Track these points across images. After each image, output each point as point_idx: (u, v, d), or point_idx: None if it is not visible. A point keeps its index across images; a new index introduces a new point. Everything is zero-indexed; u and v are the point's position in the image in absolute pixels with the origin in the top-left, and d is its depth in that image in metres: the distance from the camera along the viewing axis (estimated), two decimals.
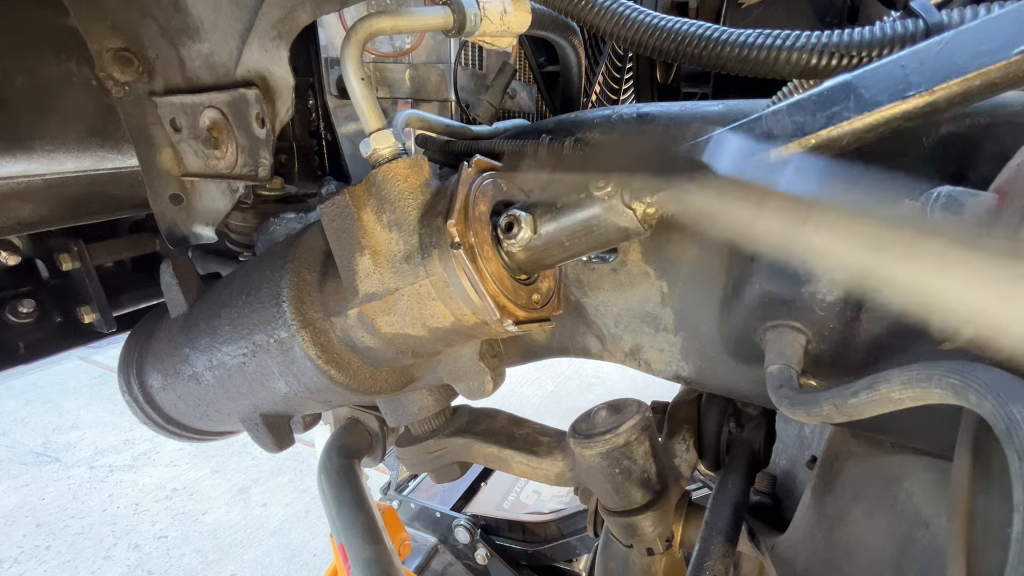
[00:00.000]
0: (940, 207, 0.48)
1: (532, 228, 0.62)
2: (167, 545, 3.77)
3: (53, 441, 4.89)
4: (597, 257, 0.84)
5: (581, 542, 2.22)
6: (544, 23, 1.05)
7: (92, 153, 0.97)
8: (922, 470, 0.70)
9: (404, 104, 1.07)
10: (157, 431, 1.10)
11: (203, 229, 0.98)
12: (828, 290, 0.67)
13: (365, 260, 0.68)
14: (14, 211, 0.96)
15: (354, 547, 1.06)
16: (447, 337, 0.70)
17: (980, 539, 0.44)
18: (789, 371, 0.62)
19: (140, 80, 0.89)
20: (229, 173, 0.89)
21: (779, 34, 0.65)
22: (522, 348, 0.99)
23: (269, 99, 0.80)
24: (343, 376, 0.79)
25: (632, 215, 0.56)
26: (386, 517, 1.61)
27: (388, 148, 0.66)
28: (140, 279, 1.35)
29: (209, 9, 0.77)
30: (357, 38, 0.64)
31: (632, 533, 0.85)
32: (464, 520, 2.34)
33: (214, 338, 0.87)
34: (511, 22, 0.74)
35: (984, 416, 0.35)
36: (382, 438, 1.37)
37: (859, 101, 0.46)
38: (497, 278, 0.63)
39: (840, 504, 0.82)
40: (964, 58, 0.43)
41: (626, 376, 5.81)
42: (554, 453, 0.87)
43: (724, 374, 0.81)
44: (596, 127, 0.82)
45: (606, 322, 0.88)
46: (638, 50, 0.72)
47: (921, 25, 0.59)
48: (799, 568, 0.89)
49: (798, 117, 0.49)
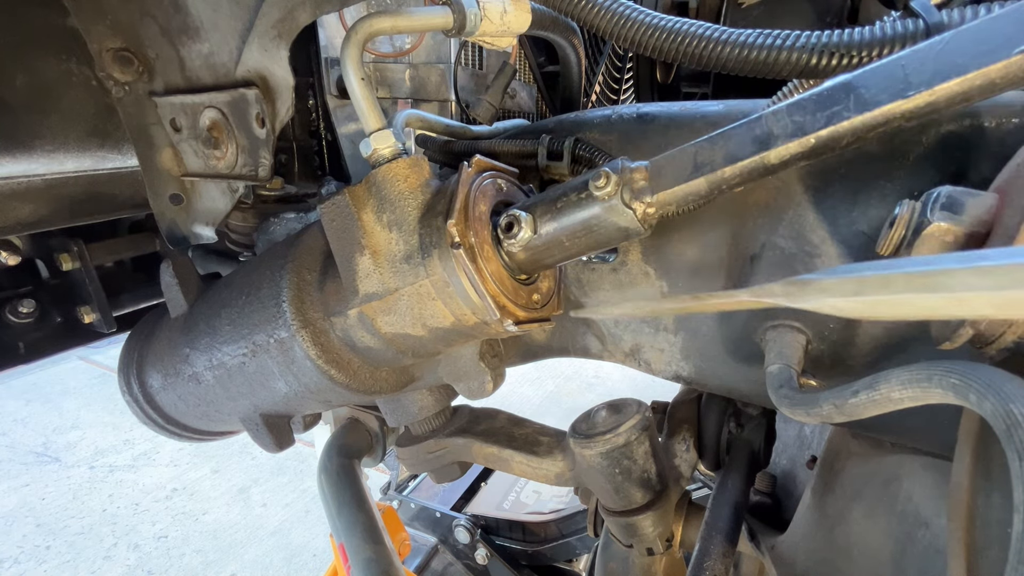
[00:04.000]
0: (940, 207, 0.48)
1: (532, 228, 0.62)
2: (167, 545, 3.77)
3: (53, 441, 4.89)
4: (597, 257, 0.84)
5: (581, 542, 2.22)
6: (544, 23, 1.05)
7: (92, 153, 0.96)
8: (922, 470, 0.70)
9: (404, 104, 1.07)
10: (157, 431, 1.10)
11: (203, 229, 0.98)
12: None
13: (365, 260, 0.68)
14: (14, 211, 0.96)
15: (354, 547, 1.06)
16: (447, 337, 0.70)
17: (980, 539, 0.44)
18: (789, 371, 0.62)
19: (140, 80, 0.89)
20: (229, 173, 0.89)
21: (779, 34, 0.65)
22: (522, 348, 0.99)
23: (269, 99, 0.80)
24: (343, 376, 0.79)
25: (632, 215, 0.56)
26: (386, 517, 1.61)
27: (388, 148, 0.66)
28: (140, 279, 1.35)
29: (209, 9, 0.77)
30: (357, 38, 0.64)
31: (632, 533, 0.85)
32: (464, 520, 2.34)
33: (214, 338, 0.87)
34: (511, 22, 0.74)
35: (984, 416, 0.35)
36: (382, 438, 1.37)
37: (859, 101, 0.46)
38: (497, 278, 0.63)
39: (840, 504, 0.82)
40: (964, 58, 0.43)
41: (626, 376, 5.82)
42: (554, 453, 0.87)
43: (724, 374, 0.81)
44: (596, 127, 0.82)
45: (606, 322, 0.88)
46: (638, 50, 0.72)
47: (921, 25, 0.59)
48: (799, 568, 0.89)
49: (798, 117, 0.49)
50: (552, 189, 0.64)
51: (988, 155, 0.59)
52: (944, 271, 0.31)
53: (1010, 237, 0.42)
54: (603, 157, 0.78)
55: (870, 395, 0.44)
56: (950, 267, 0.31)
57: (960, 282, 0.31)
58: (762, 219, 0.71)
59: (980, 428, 0.46)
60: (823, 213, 0.67)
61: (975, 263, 0.30)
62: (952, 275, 0.31)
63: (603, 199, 0.57)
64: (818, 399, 0.51)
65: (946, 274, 0.31)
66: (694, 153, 0.54)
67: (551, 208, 0.61)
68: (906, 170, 0.63)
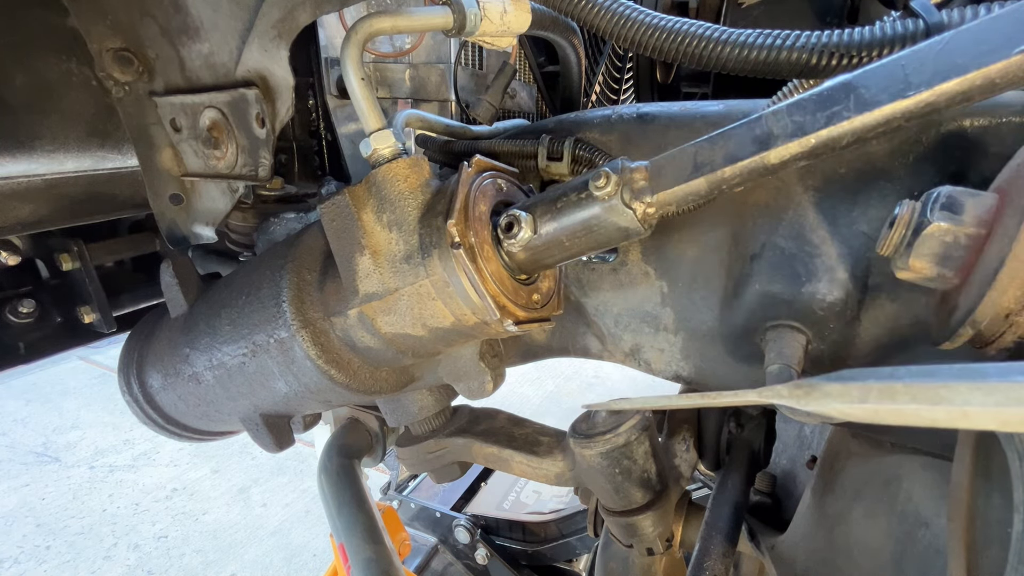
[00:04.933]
0: (940, 207, 0.48)
1: (532, 228, 0.62)
2: (167, 545, 3.77)
3: (53, 441, 4.89)
4: (597, 257, 0.84)
5: (581, 542, 2.22)
6: (544, 23, 1.05)
7: (92, 153, 0.96)
8: (922, 470, 0.70)
9: (404, 104, 1.07)
10: (157, 431, 1.10)
11: (203, 229, 0.98)
12: (828, 290, 0.67)
13: (365, 260, 0.68)
14: (14, 211, 0.96)
15: (354, 547, 1.06)
16: (447, 337, 0.70)
17: (980, 539, 0.44)
18: (789, 371, 0.62)
19: (140, 80, 0.89)
20: (229, 173, 0.89)
21: (779, 34, 0.65)
22: (522, 348, 0.99)
23: (269, 99, 0.80)
24: (343, 376, 0.79)
25: (632, 215, 0.56)
26: (386, 517, 1.61)
27: (388, 148, 0.66)
28: (140, 279, 1.35)
29: (209, 9, 0.77)
30: (357, 38, 0.64)
31: (632, 533, 0.85)
32: (464, 520, 2.34)
33: (214, 338, 0.87)
34: (511, 22, 0.74)
35: None
36: (382, 438, 1.37)
37: (859, 101, 0.46)
38: (497, 278, 0.63)
39: (840, 504, 0.82)
40: (964, 58, 0.43)
41: (626, 376, 5.81)
42: (554, 453, 0.87)
43: (724, 374, 0.81)
44: (596, 127, 0.82)
45: (606, 322, 0.88)
46: (638, 50, 0.72)
47: (921, 25, 0.59)
48: (799, 568, 0.89)
49: (798, 117, 0.49)
50: (552, 189, 0.63)
51: (988, 155, 0.59)
52: (945, 386, 0.32)
53: (1010, 237, 0.42)
54: (603, 157, 0.78)
55: None
56: (951, 382, 0.32)
57: (962, 397, 0.31)
58: (762, 219, 0.71)
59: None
60: (823, 213, 0.67)
61: (975, 380, 0.31)
62: (953, 390, 0.32)
63: (603, 199, 0.57)
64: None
65: (947, 388, 0.32)
66: (694, 153, 0.54)
67: (551, 208, 0.61)
68: (906, 170, 0.63)
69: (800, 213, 0.68)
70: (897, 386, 0.34)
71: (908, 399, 0.33)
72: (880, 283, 0.65)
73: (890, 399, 0.34)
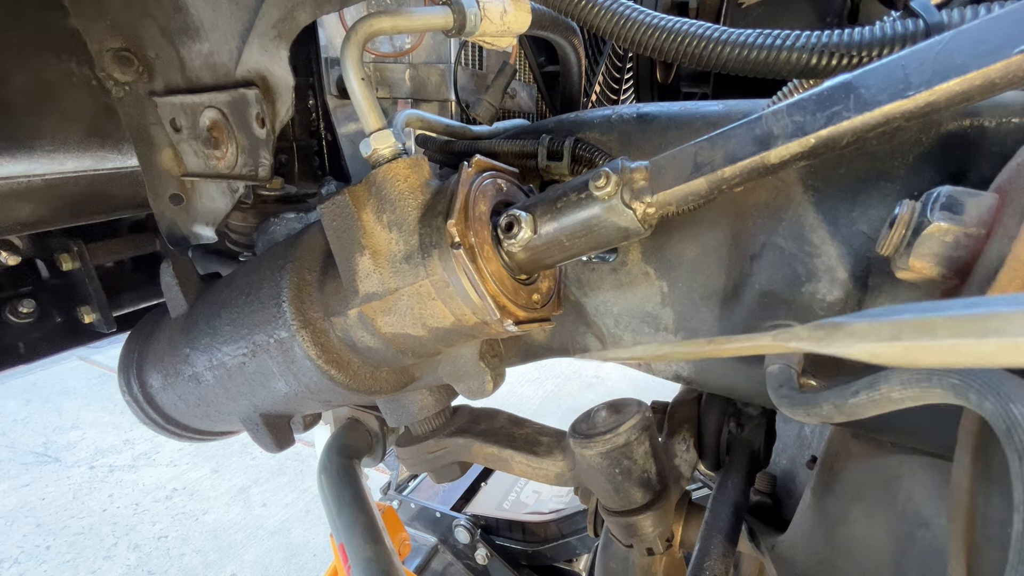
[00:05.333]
0: (940, 207, 0.48)
1: (532, 228, 0.62)
2: (167, 545, 3.77)
3: (53, 441, 4.89)
4: (597, 257, 0.84)
5: (581, 542, 2.22)
6: (544, 23, 1.05)
7: (92, 153, 0.96)
8: (922, 470, 0.70)
9: (404, 104, 1.07)
10: (157, 431, 1.10)
11: (203, 229, 0.98)
12: (828, 290, 0.67)
13: (365, 260, 0.68)
14: (14, 211, 0.96)
15: (354, 547, 1.06)
16: (447, 337, 0.70)
17: (980, 539, 0.44)
18: (789, 371, 0.62)
19: (140, 80, 0.89)
20: (229, 173, 0.89)
21: (779, 34, 0.65)
22: (522, 348, 0.99)
23: (269, 99, 0.80)
24: (343, 376, 0.79)
25: (632, 215, 0.56)
26: (386, 517, 1.61)
27: (388, 148, 0.66)
28: (140, 279, 1.35)
29: (209, 9, 0.77)
30: (357, 38, 0.64)
31: (632, 533, 0.85)
32: (464, 520, 2.34)
33: (214, 338, 0.87)
34: (511, 22, 0.74)
35: (984, 416, 0.35)
36: (382, 438, 1.37)
37: (859, 101, 0.46)
38: (497, 278, 0.63)
39: (840, 504, 0.82)
40: (964, 58, 0.43)
41: (626, 376, 5.82)
42: (554, 453, 0.87)
43: (724, 374, 0.81)
44: (596, 127, 0.82)
45: (606, 322, 0.88)
46: (638, 50, 0.72)
47: (921, 25, 0.59)
48: (799, 568, 0.89)
49: (798, 117, 0.49)
50: (552, 189, 0.63)
51: (988, 155, 0.59)
52: (996, 315, 0.28)
53: (1010, 237, 0.42)
54: (603, 157, 0.78)
55: (870, 395, 0.44)
56: (1003, 310, 0.28)
57: (1016, 327, 0.27)
58: (762, 219, 0.71)
59: (980, 428, 0.46)
60: (823, 213, 0.67)
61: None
62: (1006, 319, 0.28)
63: (603, 199, 0.57)
64: (818, 399, 0.51)
65: (999, 318, 0.28)
66: (694, 153, 0.54)
67: (551, 208, 0.61)
68: (906, 170, 0.63)
69: (800, 213, 0.68)
70: (937, 319, 0.30)
71: (950, 333, 0.29)
72: (880, 283, 0.65)
73: (928, 334, 0.30)
